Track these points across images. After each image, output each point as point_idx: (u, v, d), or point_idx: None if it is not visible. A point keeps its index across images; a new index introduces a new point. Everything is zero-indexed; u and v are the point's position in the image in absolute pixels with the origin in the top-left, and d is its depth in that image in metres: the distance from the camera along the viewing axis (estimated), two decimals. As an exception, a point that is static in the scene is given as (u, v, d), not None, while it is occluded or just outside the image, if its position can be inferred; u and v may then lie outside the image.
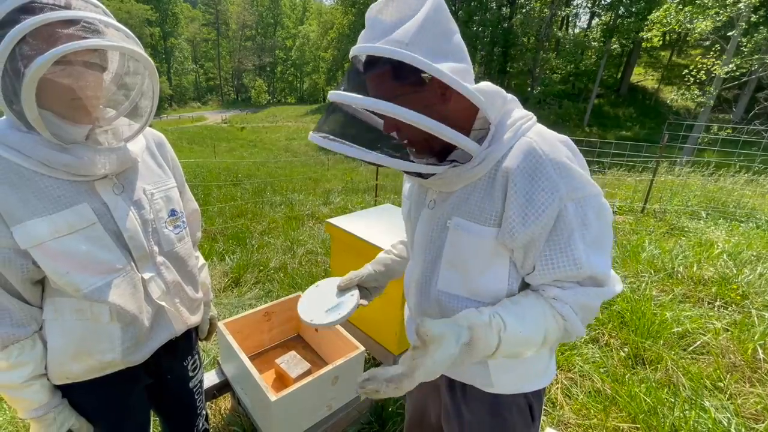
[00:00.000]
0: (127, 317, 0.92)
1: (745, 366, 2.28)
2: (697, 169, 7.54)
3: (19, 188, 0.78)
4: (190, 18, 60.20)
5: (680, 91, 13.96)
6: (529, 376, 0.90)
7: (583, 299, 0.74)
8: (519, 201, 0.72)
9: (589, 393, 2.11)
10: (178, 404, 1.24)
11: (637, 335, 2.50)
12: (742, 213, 5.15)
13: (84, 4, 0.77)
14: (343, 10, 37.70)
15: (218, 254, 3.76)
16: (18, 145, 0.77)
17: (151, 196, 0.99)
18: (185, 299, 1.09)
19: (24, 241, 0.79)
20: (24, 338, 0.86)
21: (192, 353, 1.23)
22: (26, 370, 0.86)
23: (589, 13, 30.66)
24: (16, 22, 0.67)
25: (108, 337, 0.92)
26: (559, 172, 0.71)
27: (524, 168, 0.72)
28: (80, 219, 0.84)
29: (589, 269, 0.73)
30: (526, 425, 0.93)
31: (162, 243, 1.01)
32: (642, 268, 3.47)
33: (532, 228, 0.72)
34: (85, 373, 0.93)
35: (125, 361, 0.96)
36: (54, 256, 0.82)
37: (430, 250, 0.87)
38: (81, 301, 0.88)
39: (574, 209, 0.71)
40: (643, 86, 29.78)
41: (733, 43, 12.62)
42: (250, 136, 28.25)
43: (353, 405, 1.71)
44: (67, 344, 0.89)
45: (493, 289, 0.80)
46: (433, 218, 0.86)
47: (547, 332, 0.75)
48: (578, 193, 0.71)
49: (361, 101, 0.66)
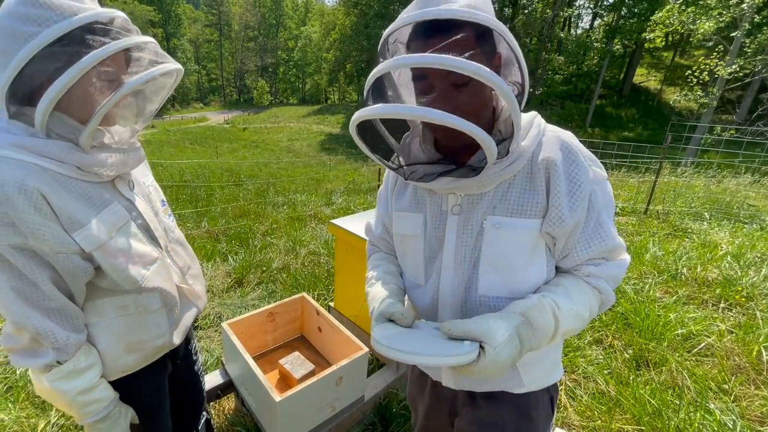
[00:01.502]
0: (171, 301, 1.01)
1: (750, 368, 2.27)
2: (700, 171, 7.52)
3: (65, 195, 0.79)
4: (192, 19, 60.35)
5: (683, 92, 13.90)
6: (552, 366, 0.92)
7: (613, 271, 0.82)
8: (565, 189, 0.76)
9: (593, 395, 2.10)
10: (188, 388, 1.29)
11: (641, 337, 2.49)
12: (746, 214, 5.13)
13: (129, 25, 0.82)
14: (345, 11, 37.71)
15: (221, 255, 3.77)
16: (49, 152, 0.76)
17: (149, 189, 1.05)
18: (198, 280, 1.16)
19: (88, 244, 0.82)
20: (84, 342, 0.88)
21: (192, 338, 1.30)
22: (95, 370, 0.90)
23: (591, 14, 30.61)
24: (82, 41, 0.72)
25: (155, 324, 0.98)
26: (588, 160, 0.79)
27: (564, 159, 0.77)
28: (118, 217, 0.88)
29: (615, 243, 0.81)
30: (547, 418, 0.94)
31: (167, 231, 1.07)
32: (646, 269, 3.46)
33: (579, 212, 0.77)
34: (139, 362, 0.99)
35: (171, 343, 1.03)
36: (114, 254, 0.86)
37: (466, 257, 0.83)
38: (124, 297, 0.92)
39: (601, 191, 0.80)
40: (646, 87, 29.71)
41: (736, 44, 12.57)
42: (253, 137, 28.32)
43: (357, 406, 1.71)
44: (117, 341, 0.93)
45: (534, 282, 0.83)
46: (465, 223, 0.81)
47: (590, 306, 0.80)
48: (599, 176, 0.80)
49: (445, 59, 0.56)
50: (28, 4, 0.69)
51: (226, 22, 60.70)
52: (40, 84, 0.71)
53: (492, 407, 0.91)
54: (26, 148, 0.75)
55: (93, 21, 0.73)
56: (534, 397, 0.91)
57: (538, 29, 26.36)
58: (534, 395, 0.91)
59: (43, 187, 0.75)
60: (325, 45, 45.89)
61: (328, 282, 3.19)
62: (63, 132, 0.78)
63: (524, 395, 0.90)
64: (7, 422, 1.79)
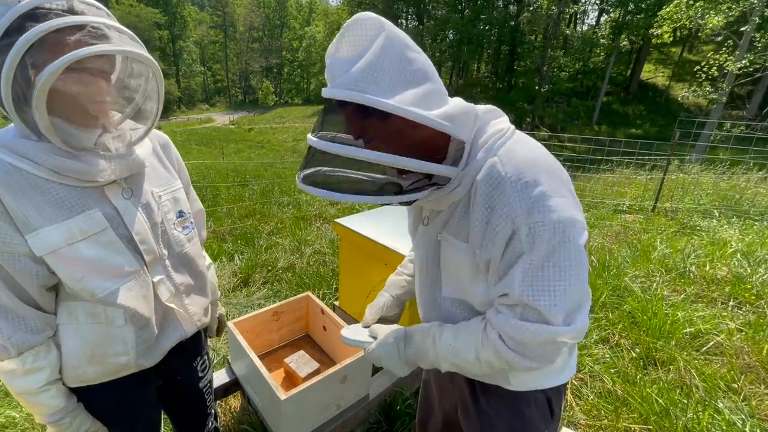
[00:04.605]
0: (140, 320, 0.93)
1: (759, 367, 2.24)
2: (709, 167, 7.41)
3: (32, 197, 0.78)
4: (197, 21, 60.82)
5: (692, 88, 13.71)
6: (545, 373, 0.91)
7: (513, 330, 0.72)
8: (480, 221, 0.74)
9: (600, 394, 2.08)
10: (188, 404, 1.26)
11: (649, 335, 2.47)
12: (756, 211, 5.05)
13: (87, 8, 0.76)
14: (350, 11, 37.72)
15: (227, 254, 3.80)
16: (29, 153, 0.77)
17: (159, 198, 0.99)
18: (195, 300, 1.09)
19: (39, 248, 0.80)
20: (38, 344, 0.86)
21: (201, 354, 1.23)
22: (42, 375, 0.87)
23: (597, 10, 30.31)
24: (23, 29, 0.67)
25: (122, 340, 0.93)
26: (519, 193, 0.69)
27: (484, 189, 0.72)
28: (92, 224, 0.84)
29: (520, 298, 0.70)
30: (545, 419, 0.93)
31: (172, 245, 1.01)
32: (653, 267, 3.42)
33: (489, 249, 0.74)
34: (99, 376, 0.94)
35: (138, 364, 0.97)
36: (69, 262, 0.82)
37: (429, 262, 0.92)
38: (95, 305, 0.88)
39: (526, 234, 0.69)
40: (654, 83, 29.35)
41: (746, 39, 12.36)
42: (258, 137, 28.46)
43: (362, 404, 1.71)
44: (82, 348, 0.90)
45: (483, 296, 0.82)
46: (428, 234, 0.90)
47: (477, 351, 0.78)
48: (535, 217, 0.68)
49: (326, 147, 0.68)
50: None
51: (230, 23, 61.00)
52: None
53: (486, 400, 0.95)
54: (8, 148, 0.76)
55: (35, 6, 0.69)
56: (526, 396, 0.91)
57: (544, 26, 26.17)
58: (526, 393, 0.91)
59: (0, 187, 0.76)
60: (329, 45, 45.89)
61: (332, 281, 3.20)
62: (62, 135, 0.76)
63: (516, 392, 0.91)
64: (18, 420, 1.83)
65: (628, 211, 5.45)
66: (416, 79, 0.68)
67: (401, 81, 0.67)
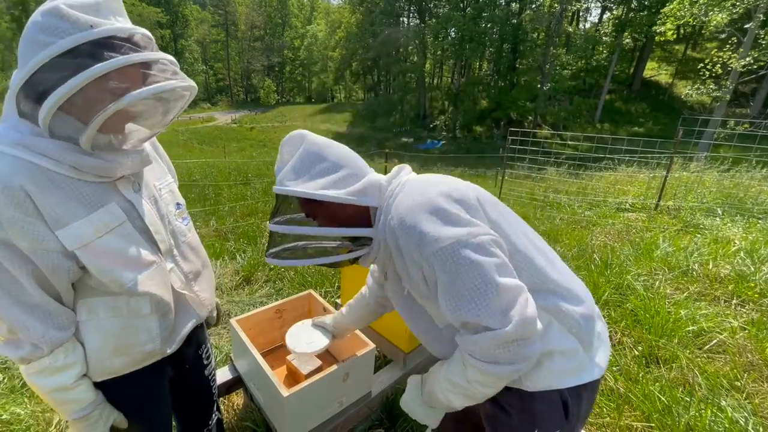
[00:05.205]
0: (164, 307, 0.99)
1: (763, 365, 2.23)
2: (712, 165, 7.37)
3: (56, 193, 0.81)
4: (199, 20, 60.73)
5: (695, 85, 13.62)
6: (559, 373, 0.91)
7: (474, 345, 0.80)
8: (402, 267, 0.91)
9: (602, 391, 2.08)
10: (196, 394, 1.29)
11: (651, 333, 2.46)
12: (760, 209, 5.02)
13: (149, 43, 0.83)
14: (351, 9, 37.70)
15: (229, 253, 3.81)
16: (47, 151, 0.79)
17: (160, 191, 1.04)
18: (204, 286, 1.15)
19: (71, 243, 0.82)
20: (67, 341, 0.88)
21: (205, 342, 1.29)
22: (75, 370, 0.90)
23: (600, 8, 30.12)
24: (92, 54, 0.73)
25: (146, 329, 0.97)
26: (408, 238, 0.82)
27: (390, 241, 0.90)
28: (113, 218, 0.88)
29: (454, 318, 0.81)
30: (559, 419, 0.93)
31: (177, 235, 1.07)
32: (656, 265, 3.41)
33: (418, 287, 0.89)
34: (126, 366, 0.98)
35: (162, 350, 1.02)
36: (99, 254, 0.86)
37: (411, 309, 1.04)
38: (116, 298, 0.92)
39: (428, 266, 0.81)
40: (657, 81, 29.21)
41: (750, 36, 12.27)
42: (260, 136, 28.48)
43: (364, 402, 1.72)
44: (105, 341, 0.93)
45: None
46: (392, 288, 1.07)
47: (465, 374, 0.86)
48: (425, 251, 0.80)
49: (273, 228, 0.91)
50: (50, 15, 0.73)
51: (232, 22, 60.93)
52: (46, 89, 0.73)
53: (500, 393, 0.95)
54: (26, 146, 0.78)
55: (108, 36, 0.75)
56: (537, 394, 0.92)
57: (546, 24, 26.05)
58: (540, 393, 0.92)
59: (29, 185, 0.77)
60: (330, 43, 45.89)
61: (334, 279, 3.20)
62: (68, 132, 0.79)
63: (530, 392, 0.92)
64: (23, 416, 1.84)
65: (630, 209, 5.43)
66: (331, 169, 0.91)
67: (321, 172, 0.90)
